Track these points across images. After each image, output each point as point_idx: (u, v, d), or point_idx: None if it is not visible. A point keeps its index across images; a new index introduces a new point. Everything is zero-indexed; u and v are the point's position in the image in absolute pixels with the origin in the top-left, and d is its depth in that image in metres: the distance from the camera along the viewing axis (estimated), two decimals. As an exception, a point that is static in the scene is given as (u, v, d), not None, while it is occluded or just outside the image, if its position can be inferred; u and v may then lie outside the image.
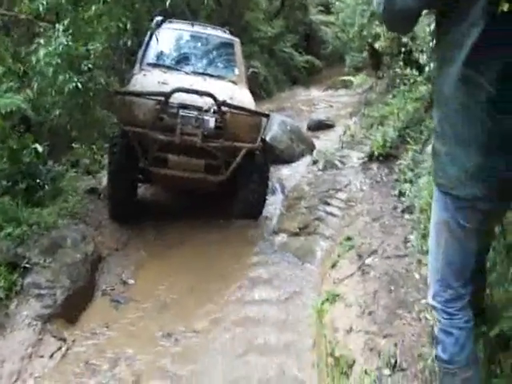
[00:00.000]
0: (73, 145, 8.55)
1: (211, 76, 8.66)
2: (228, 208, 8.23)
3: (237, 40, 9.87)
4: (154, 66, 8.68)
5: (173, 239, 7.48)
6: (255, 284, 6.38)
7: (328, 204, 7.78)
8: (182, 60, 9.10)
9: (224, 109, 7.38)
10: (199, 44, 9.56)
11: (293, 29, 25.74)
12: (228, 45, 9.66)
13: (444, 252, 2.80)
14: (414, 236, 5.62)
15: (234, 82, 8.75)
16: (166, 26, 9.34)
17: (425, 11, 2.80)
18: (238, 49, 9.62)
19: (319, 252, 7.05)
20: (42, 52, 6.20)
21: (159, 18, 9.24)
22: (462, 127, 2.53)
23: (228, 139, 7.44)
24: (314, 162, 9.91)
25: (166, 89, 7.40)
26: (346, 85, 19.26)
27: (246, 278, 6.54)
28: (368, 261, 5.66)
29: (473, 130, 2.52)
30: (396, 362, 3.91)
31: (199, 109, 7.37)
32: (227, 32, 10.33)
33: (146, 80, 7.96)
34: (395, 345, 4.08)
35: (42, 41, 6.37)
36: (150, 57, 8.87)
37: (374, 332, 4.40)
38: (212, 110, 7.36)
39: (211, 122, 7.35)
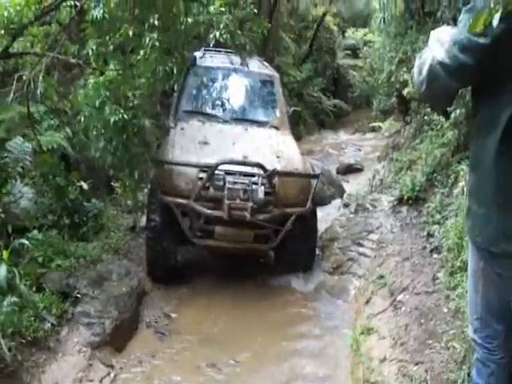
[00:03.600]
0: (111, 183, 8.65)
1: (252, 122, 8.34)
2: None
3: (276, 76, 9.46)
4: (191, 113, 8.34)
5: (213, 277, 7.67)
6: (293, 319, 6.69)
7: (360, 245, 7.98)
8: (219, 104, 8.68)
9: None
10: (237, 82, 9.11)
11: (321, 72, 26.06)
12: (268, 82, 9.17)
13: (482, 296, 3.03)
14: (442, 274, 5.84)
15: (276, 127, 8.40)
16: (199, 62, 8.85)
17: None
18: (277, 86, 9.16)
19: (352, 290, 7.32)
20: (91, 82, 6.32)
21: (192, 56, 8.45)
22: (499, 195, 2.73)
23: (277, 205, 6.97)
24: (346, 205, 10.13)
25: (208, 152, 7.15)
26: (374, 128, 19.42)
27: (285, 314, 6.83)
28: (399, 297, 5.94)
29: (510, 197, 2.71)
30: (427, 386, 4.23)
31: (245, 174, 6.91)
32: (266, 64, 9.84)
33: (185, 139, 7.58)
34: (426, 371, 4.42)
35: (91, 79, 6.43)
36: (186, 102, 8.54)
37: (406, 360, 4.73)
38: (260, 180, 6.91)
39: (260, 192, 6.84)
